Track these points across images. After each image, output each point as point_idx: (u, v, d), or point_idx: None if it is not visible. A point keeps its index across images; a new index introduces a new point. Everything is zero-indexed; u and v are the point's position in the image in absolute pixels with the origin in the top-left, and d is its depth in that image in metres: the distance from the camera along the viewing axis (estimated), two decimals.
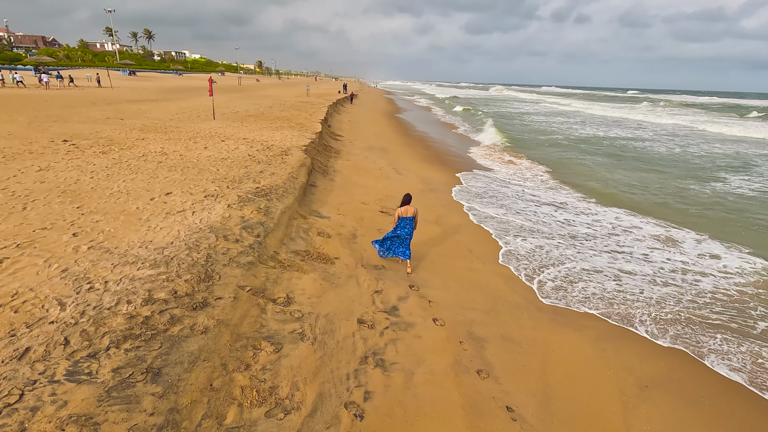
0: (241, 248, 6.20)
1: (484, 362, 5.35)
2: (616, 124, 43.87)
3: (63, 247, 5.53)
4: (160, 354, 3.73)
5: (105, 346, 3.65)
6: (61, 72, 44.45)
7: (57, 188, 8.13)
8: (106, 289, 4.54)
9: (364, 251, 8.19)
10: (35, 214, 6.69)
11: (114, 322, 3.98)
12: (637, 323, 6.76)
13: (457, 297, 7.00)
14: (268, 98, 38.11)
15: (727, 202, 14.68)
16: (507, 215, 11.67)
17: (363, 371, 4.66)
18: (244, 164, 11.26)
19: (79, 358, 3.47)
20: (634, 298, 7.49)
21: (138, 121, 18.22)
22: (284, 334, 4.83)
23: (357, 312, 5.86)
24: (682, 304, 7.42)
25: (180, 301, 4.56)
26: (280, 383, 4.08)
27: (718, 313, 7.21)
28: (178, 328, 4.15)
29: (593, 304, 7.22)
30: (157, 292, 4.60)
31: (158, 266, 5.17)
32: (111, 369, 3.41)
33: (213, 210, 7.46)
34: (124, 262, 5.22)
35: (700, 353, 6.15)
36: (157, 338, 3.92)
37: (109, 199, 7.67)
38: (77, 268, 4.97)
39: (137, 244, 5.79)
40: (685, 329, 6.68)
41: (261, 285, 5.60)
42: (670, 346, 6.27)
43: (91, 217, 6.69)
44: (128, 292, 4.52)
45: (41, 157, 10.56)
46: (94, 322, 3.94)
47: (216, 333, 4.29)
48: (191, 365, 3.75)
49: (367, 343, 5.19)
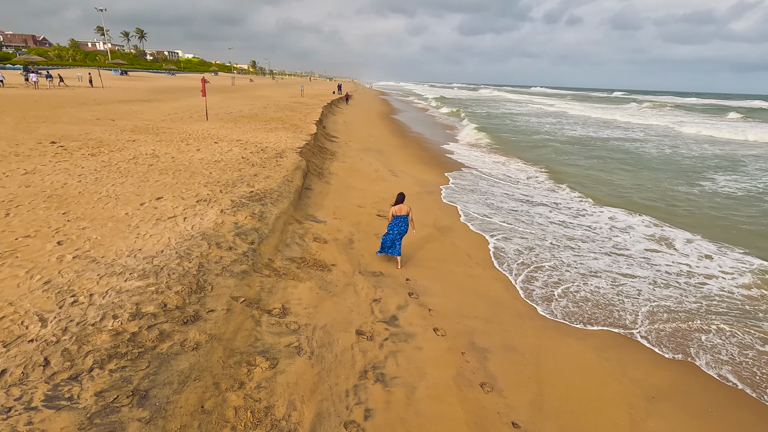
0: (234, 256, 5.97)
1: (487, 374, 5.17)
2: (594, 123, 45.44)
3: (47, 257, 5.26)
4: (147, 374, 3.50)
5: (88, 367, 3.42)
6: (51, 71, 43.68)
7: (43, 193, 7.84)
8: (91, 302, 4.30)
9: (362, 257, 7.99)
10: (18, 220, 6.40)
11: (98, 339, 3.74)
12: (641, 331, 6.63)
13: (457, 305, 6.82)
14: (262, 99, 37.75)
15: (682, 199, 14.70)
16: (504, 218, 11.52)
17: (363, 387, 4.46)
18: (238, 167, 11.01)
19: (60, 381, 3.23)
20: (635, 305, 7.36)
21: (129, 122, 17.86)
22: (280, 348, 4.62)
23: (355, 322, 5.65)
24: (685, 310, 7.30)
25: (170, 314, 4.33)
26: (275, 402, 3.87)
27: (722, 318, 7.10)
28: (168, 344, 3.92)
29: (594, 312, 7.07)
30: (146, 306, 4.36)
31: (147, 277, 4.93)
32: (94, 392, 3.18)
33: (205, 216, 7.21)
34: (111, 272, 4.97)
35: (706, 362, 6.02)
36: (144, 356, 3.69)
37: (97, 204, 7.39)
38: (61, 280, 4.71)
39: (125, 253, 5.54)
40: (689, 336, 6.55)
41: (255, 295, 5.38)
42: (674, 357, 6.14)
43: (78, 224, 6.42)
44: (114, 305, 4.28)
45: (27, 160, 10.23)
46: (77, 339, 3.70)
47: (208, 349, 4.07)
48: (181, 386, 3.52)
49: (367, 356, 4.99)
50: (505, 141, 28.97)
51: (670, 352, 6.20)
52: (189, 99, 32.09)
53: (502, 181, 16.64)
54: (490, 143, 27.47)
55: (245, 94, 44.52)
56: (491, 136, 30.40)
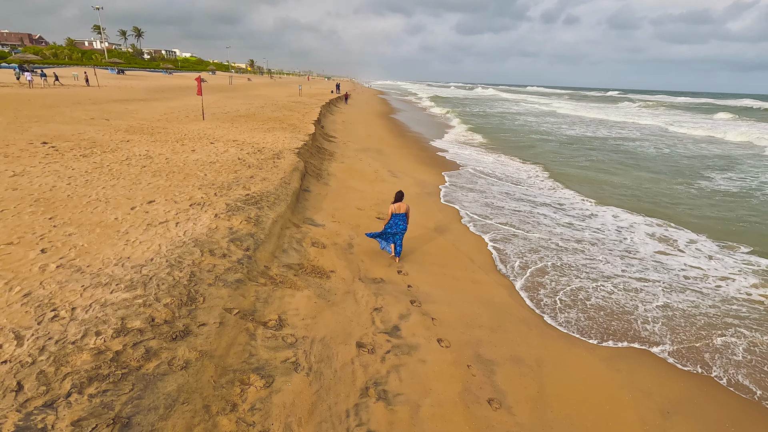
0: (228, 264, 5.69)
1: (495, 389, 4.91)
2: (582, 122, 45.86)
3: (29, 266, 4.97)
4: (131, 398, 3.23)
5: (65, 392, 3.14)
6: (45, 70, 43.21)
7: (30, 196, 7.54)
8: (72, 317, 4.01)
9: (362, 262, 7.72)
10: (2, 226, 6.10)
11: (78, 359, 3.46)
12: (652, 340, 6.37)
13: (461, 313, 6.55)
14: (259, 98, 37.40)
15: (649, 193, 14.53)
16: (505, 219, 11.25)
17: (364, 406, 4.18)
18: (234, 168, 10.71)
19: (33, 409, 2.95)
20: (645, 311, 7.10)
21: (124, 122, 17.53)
22: (276, 364, 4.34)
23: (356, 334, 5.38)
24: (700, 316, 7.05)
25: (157, 330, 4.05)
26: (271, 426, 3.59)
27: (739, 326, 6.85)
28: (154, 364, 3.64)
29: (604, 321, 6.81)
30: (132, 320, 4.08)
31: (135, 288, 4.65)
32: (71, 422, 2.90)
33: (199, 220, 6.92)
34: (96, 283, 4.68)
35: (722, 373, 5.77)
36: (128, 378, 3.41)
37: (86, 208, 7.10)
38: (42, 292, 4.43)
39: (113, 262, 5.25)
40: (704, 345, 6.30)
41: (250, 306, 5.10)
42: (689, 368, 5.89)
43: (64, 230, 6.13)
44: (98, 320, 4.00)
45: (17, 161, 9.92)
46: (54, 360, 3.42)
47: (198, 368, 3.79)
48: (168, 410, 3.25)
49: (368, 371, 4.72)
50: (500, 140, 29.01)
51: (685, 362, 5.95)
52: (186, 98, 31.73)
53: (500, 180, 16.41)
54: (486, 143, 27.43)
55: (243, 93, 44.16)
56: (487, 135, 30.47)
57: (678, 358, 6.02)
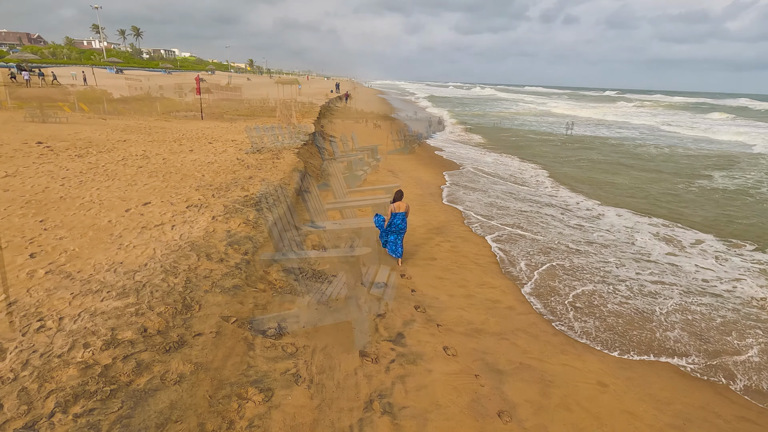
0: (226, 269, 5.46)
1: (505, 401, 4.68)
2: (578, 121, 45.71)
3: (16, 272, 4.75)
4: (119, 418, 3.00)
5: (49, 412, 2.91)
6: (43, 69, 42.94)
7: (21, 198, 7.31)
8: (59, 328, 3.78)
9: (363, 265, 7.48)
10: None
11: (64, 375, 3.23)
12: (674, 350, 6.15)
13: (467, 319, 6.33)
14: (258, 97, 37.14)
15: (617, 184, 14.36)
16: (510, 219, 11.03)
17: (369, 421, 3.96)
18: (232, 169, 10.48)
19: (12, 431, 2.72)
20: (658, 316, 6.88)
21: (121, 122, 17.30)
22: (275, 376, 4.12)
23: (359, 342, 5.15)
24: (718, 323, 6.82)
25: (150, 341, 3.82)
26: None
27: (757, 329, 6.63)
28: (146, 378, 3.41)
29: (617, 327, 6.59)
30: (123, 331, 3.85)
31: (127, 295, 4.42)
32: None
33: (195, 223, 6.69)
34: (86, 290, 4.46)
35: (740, 380, 5.55)
36: (117, 395, 3.18)
37: (79, 210, 6.86)
38: (28, 300, 4.20)
39: (105, 267, 5.02)
40: (720, 351, 6.08)
41: (249, 314, 4.88)
42: (704, 376, 5.67)
43: (55, 233, 5.90)
44: (87, 331, 3.77)
45: (10, 161, 9.69)
46: (38, 376, 3.19)
47: (193, 382, 3.56)
48: (159, 430, 3.02)
49: (372, 382, 4.50)
50: (499, 140, 28.85)
51: (700, 370, 5.73)
52: (184, 98, 31.46)
53: (503, 180, 16.20)
54: (485, 142, 27.30)
55: (242, 92, 43.84)
56: (486, 135, 30.30)
57: (703, 369, 5.78)
